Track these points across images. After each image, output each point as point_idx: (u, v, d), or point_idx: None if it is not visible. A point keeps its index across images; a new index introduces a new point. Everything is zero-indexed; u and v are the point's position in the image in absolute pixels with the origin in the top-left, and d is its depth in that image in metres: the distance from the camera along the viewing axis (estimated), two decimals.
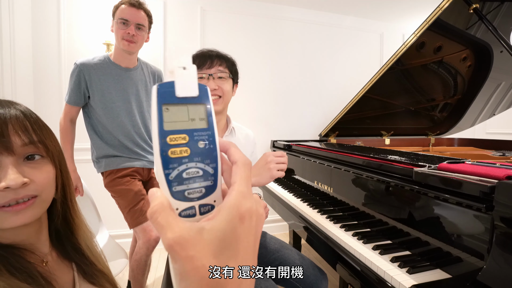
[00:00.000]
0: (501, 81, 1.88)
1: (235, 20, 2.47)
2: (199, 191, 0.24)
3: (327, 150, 1.49)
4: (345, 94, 2.51)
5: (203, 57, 1.01)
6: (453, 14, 1.42)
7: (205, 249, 0.21)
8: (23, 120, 0.47)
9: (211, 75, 1.00)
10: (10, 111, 0.46)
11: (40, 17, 2.00)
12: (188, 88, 0.24)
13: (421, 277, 0.73)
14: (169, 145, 0.23)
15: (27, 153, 0.47)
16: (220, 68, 1.02)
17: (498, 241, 0.61)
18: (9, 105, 0.47)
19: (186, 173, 0.23)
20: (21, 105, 0.50)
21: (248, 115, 2.55)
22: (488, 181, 0.66)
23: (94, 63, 1.37)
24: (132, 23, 1.33)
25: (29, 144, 0.46)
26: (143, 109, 1.50)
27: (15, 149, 0.45)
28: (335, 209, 1.27)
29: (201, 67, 1.01)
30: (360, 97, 1.73)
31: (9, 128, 0.45)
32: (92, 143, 1.46)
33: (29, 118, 0.48)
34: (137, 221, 1.39)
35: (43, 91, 2.01)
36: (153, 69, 1.56)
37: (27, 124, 0.47)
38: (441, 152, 1.82)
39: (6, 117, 0.45)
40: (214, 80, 1.01)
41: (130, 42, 1.35)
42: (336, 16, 2.76)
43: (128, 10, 1.33)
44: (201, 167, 0.24)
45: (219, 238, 0.22)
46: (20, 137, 0.46)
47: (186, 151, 0.23)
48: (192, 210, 0.24)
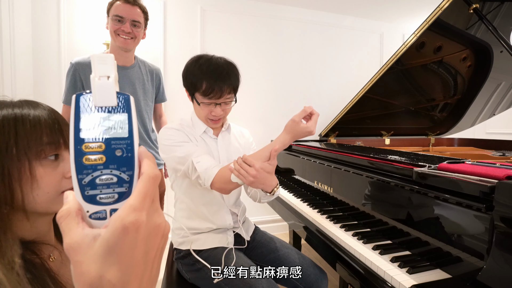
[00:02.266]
0: (501, 81, 1.88)
1: (235, 20, 2.47)
2: (112, 197, 0.25)
3: (327, 150, 1.49)
4: (345, 94, 2.51)
5: (212, 81, 0.95)
6: (453, 14, 1.42)
7: (92, 256, 0.23)
8: (67, 122, 0.54)
9: (219, 104, 1.00)
10: (59, 113, 0.55)
11: (40, 17, 2.00)
12: (106, 98, 0.25)
13: (421, 277, 0.73)
14: (84, 152, 0.24)
15: None
16: (229, 96, 1.00)
17: (498, 241, 0.61)
18: (52, 108, 0.56)
19: (99, 179, 0.25)
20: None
21: (248, 115, 2.55)
22: (488, 181, 0.66)
23: (89, 61, 1.36)
24: (128, 20, 1.31)
25: None
26: (141, 108, 1.48)
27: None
28: (335, 209, 1.27)
29: (209, 95, 0.96)
30: (360, 97, 1.73)
31: (65, 127, 0.54)
32: None
33: (66, 121, 0.56)
34: None
35: (43, 91, 2.00)
36: (151, 68, 1.54)
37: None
38: (441, 152, 1.82)
39: (60, 118, 0.54)
40: (221, 106, 1.00)
41: (126, 39, 1.33)
42: (336, 16, 2.76)
43: (123, 6, 1.31)
44: (116, 174, 0.25)
45: (104, 246, 0.23)
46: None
47: (101, 159, 0.25)
48: (102, 213, 0.25)
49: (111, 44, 1.38)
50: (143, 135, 1.50)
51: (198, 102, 0.99)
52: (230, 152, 1.12)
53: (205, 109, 1.00)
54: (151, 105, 1.55)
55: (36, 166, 0.49)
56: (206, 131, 1.08)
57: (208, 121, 1.05)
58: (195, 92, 0.99)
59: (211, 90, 0.95)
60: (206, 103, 0.99)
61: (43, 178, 0.49)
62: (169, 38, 2.31)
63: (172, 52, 2.31)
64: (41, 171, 0.49)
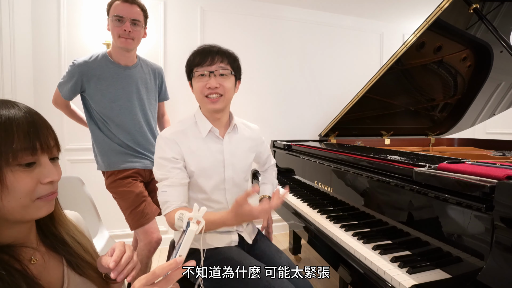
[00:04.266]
0: (501, 81, 1.88)
1: (235, 20, 2.47)
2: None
3: (327, 150, 1.50)
4: (345, 94, 2.51)
5: (204, 54, 0.98)
6: (453, 14, 1.42)
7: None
8: (48, 124, 0.53)
9: (212, 73, 0.98)
10: (38, 115, 0.52)
11: (40, 17, 2.00)
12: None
13: (421, 277, 0.73)
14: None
15: (54, 155, 0.53)
16: (222, 65, 0.99)
17: (498, 241, 0.61)
18: (30, 109, 0.52)
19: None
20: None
21: (248, 115, 2.55)
22: (488, 181, 0.66)
23: (92, 62, 1.35)
24: (127, 19, 1.31)
25: (54, 146, 0.53)
26: (145, 107, 1.46)
27: (50, 149, 0.51)
28: (335, 209, 1.27)
29: (202, 64, 0.98)
30: (360, 97, 1.73)
31: (44, 130, 0.51)
32: (93, 138, 1.44)
33: (47, 122, 0.54)
34: (138, 223, 1.37)
35: (43, 91, 2.00)
36: (153, 66, 1.54)
37: (51, 128, 0.54)
38: (441, 152, 1.82)
39: (39, 120, 0.51)
40: (215, 78, 0.98)
41: (127, 38, 1.33)
42: (336, 16, 2.76)
43: (121, 6, 1.30)
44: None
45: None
46: (51, 139, 0.52)
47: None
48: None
49: (113, 44, 1.38)
50: (147, 135, 1.48)
51: (193, 74, 1.00)
52: (236, 157, 1.08)
53: (200, 83, 0.99)
54: (155, 104, 1.55)
55: (6, 172, 0.46)
56: (212, 130, 1.05)
57: (205, 101, 1.01)
58: (191, 72, 1.00)
59: (203, 58, 0.98)
60: (199, 72, 0.98)
61: (14, 185, 0.46)
62: (169, 38, 2.31)
63: (172, 52, 2.32)
64: (11, 178, 0.46)
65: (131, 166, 1.42)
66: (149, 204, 1.42)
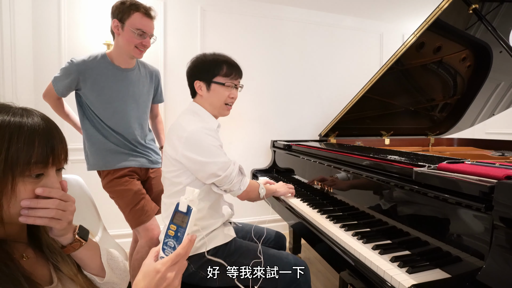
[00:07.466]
0: (501, 81, 1.89)
1: (235, 20, 2.47)
2: (169, 252, 0.55)
3: (327, 150, 1.50)
4: (345, 94, 2.51)
5: (234, 68, 1.12)
6: (452, 15, 1.43)
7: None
8: (63, 136, 0.55)
9: (236, 86, 1.14)
10: (56, 127, 0.54)
11: (40, 17, 2.00)
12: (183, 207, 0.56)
13: (421, 277, 0.73)
14: (168, 228, 0.55)
15: (61, 166, 0.56)
16: (240, 80, 1.16)
17: (498, 241, 0.62)
18: (48, 121, 0.54)
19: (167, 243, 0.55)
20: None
21: (248, 115, 2.55)
22: (487, 181, 0.66)
23: (91, 62, 1.34)
24: (148, 34, 1.34)
25: (64, 159, 0.55)
26: (140, 109, 1.46)
27: (59, 162, 0.54)
28: (335, 209, 1.27)
29: (230, 75, 1.11)
30: (360, 97, 1.73)
31: (58, 145, 0.53)
32: (87, 137, 1.41)
33: (62, 134, 0.56)
34: (139, 221, 1.37)
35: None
36: (150, 69, 1.54)
37: (65, 141, 0.56)
38: (440, 152, 1.82)
39: (56, 134, 0.53)
40: (236, 90, 1.15)
41: (142, 51, 1.36)
42: (336, 16, 2.76)
43: (145, 21, 1.31)
44: (174, 243, 0.54)
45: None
46: (63, 152, 0.54)
47: (172, 233, 0.55)
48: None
49: (121, 49, 1.35)
50: (140, 135, 1.47)
51: (222, 82, 1.09)
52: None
53: (225, 92, 1.10)
54: (149, 106, 1.56)
55: (19, 182, 0.48)
56: (219, 127, 1.16)
57: (223, 108, 1.13)
58: (214, 77, 1.08)
59: (232, 70, 1.10)
60: (229, 83, 1.10)
61: (22, 193, 0.49)
62: (169, 38, 2.31)
63: (172, 52, 2.32)
64: (21, 187, 0.49)
65: (127, 164, 1.42)
66: (148, 201, 1.42)
